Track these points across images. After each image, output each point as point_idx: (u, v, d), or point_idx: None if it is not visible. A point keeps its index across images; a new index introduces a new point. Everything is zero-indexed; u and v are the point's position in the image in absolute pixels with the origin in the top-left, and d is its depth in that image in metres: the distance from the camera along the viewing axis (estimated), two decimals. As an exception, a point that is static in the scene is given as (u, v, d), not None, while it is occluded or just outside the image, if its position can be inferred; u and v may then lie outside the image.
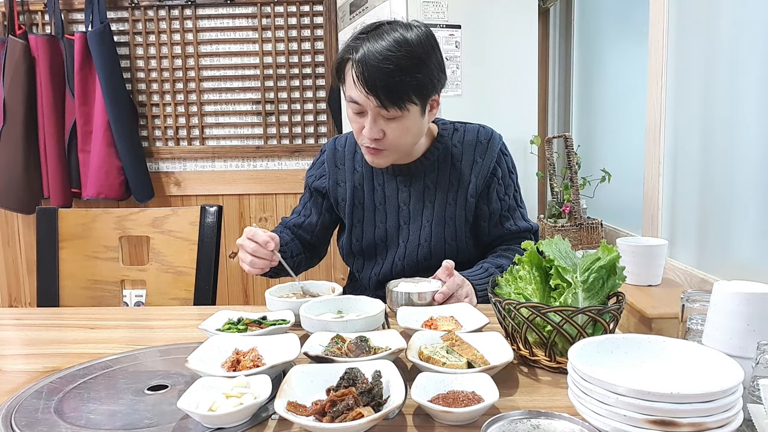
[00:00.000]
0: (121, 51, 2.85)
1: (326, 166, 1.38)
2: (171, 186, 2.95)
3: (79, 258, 1.54)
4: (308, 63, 2.87)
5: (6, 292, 3.01)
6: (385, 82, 1.10)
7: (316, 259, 1.46)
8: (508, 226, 1.34)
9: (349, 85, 1.15)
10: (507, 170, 1.34)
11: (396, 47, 1.11)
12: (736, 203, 1.35)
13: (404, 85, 1.12)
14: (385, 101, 1.12)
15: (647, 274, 1.49)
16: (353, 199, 1.35)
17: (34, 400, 0.80)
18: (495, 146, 1.32)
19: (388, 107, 1.12)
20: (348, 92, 1.17)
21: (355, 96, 1.14)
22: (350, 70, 1.14)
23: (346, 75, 1.17)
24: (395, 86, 1.11)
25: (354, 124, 1.21)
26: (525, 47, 2.17)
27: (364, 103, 1.14)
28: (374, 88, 1.11)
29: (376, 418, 0.65)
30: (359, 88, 1.12)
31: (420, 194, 1.31)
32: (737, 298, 0.70)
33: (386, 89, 1.11)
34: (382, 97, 1.11)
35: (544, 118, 2.71)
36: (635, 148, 1.88)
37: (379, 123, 1.16)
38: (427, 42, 1.16)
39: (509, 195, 1.34)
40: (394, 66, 1.10)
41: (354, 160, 1.36)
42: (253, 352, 0.87)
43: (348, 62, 1.15)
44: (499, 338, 0.89)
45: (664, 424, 0.59)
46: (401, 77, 1.11)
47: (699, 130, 1.49)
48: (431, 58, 1.16)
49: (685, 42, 1.56)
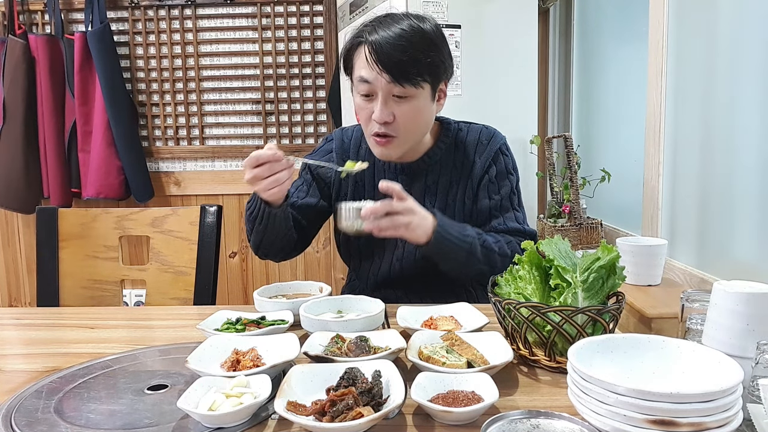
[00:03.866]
0: (121, 51, 2.85)
1: (334, 155, 1.36)
2: (171, 186, 2.95)
3: (79, 258, 1.54)
4: (308, 63, 2.87)
5: (6, 291, 3.01)
6: (398, 58, 1.12)
7: (302, 245, 1.37)
8: (495, 224, 1.28)
9: (360, 65, 1.16)
10: (503, 170, 1.30)
11: (410, 30, 1.14)
12: (736, 203, 1.35)
13: (417, 62, 1.13)
14: (398, 76, 1.12)
15: (647, 274, 1.49)
16: (354, 195, 1.34)
17: (34, 400, 0.80)
18: (494, 145, 1.31)
19: (402, 82, 1.13)
20: (358, 72, 1.17)
21: (366, 74, 1.14)
22: (361, 52, 1.16)
23: (356, 58, 1.18)
24: (408, 61, 1.13)
25: (362, 112, 1.20)
26: (525, 47, 2.17)
27: (375, 82, 1.14)
28: (388, 63, 1.12)
29: (375, 417, 0.65)
30: (372, 65, 1.13)
31: (421, 194, 1.30)
32: (737, 298, 0.70)
33: (400, 64, 1.12)
34: (396, 71, 1.12)
35: (544, 118, 2.71)
36: (635, 148, 1.88)
37: (390, 105, 1.16)
38: (439, 32, 1.19)
39: (501, 195, 1.29)
40: (407, 43, 1.12)
41: (358, 155, 1.35)
42: (252, 352, 0.87)
43: (359, 46, 1.17)
44: (499, 338, 0.89)
45: (664, 424, 0.59)
46: (415, 53, 1.13)
47: (699, 130, 1.49)
48: (444, 43, 1.19)
49: (685, 42, 1.56)
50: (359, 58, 1.17)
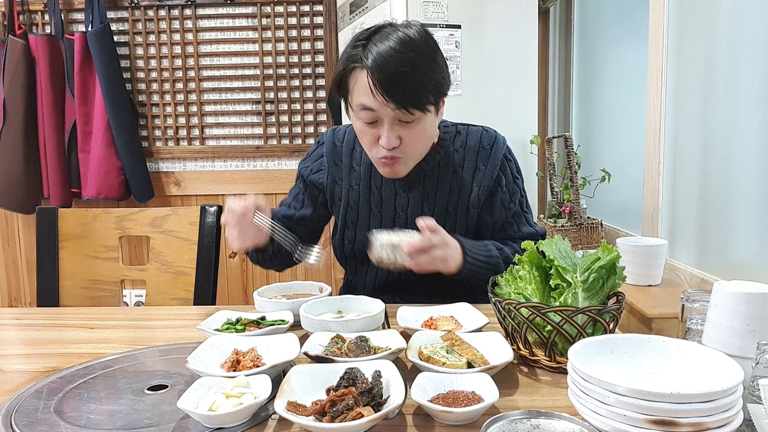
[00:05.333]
0: (121, 51, 2.85)
1: (325, 160, 1.31)
2: (171, 186, 2.95)
3: (79, 258, 1.54)
4: (308, 63, 2.87)
5: (6, 292, 3.01)
6: (403, 85, 1.07)
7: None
8: (511, 232, 1.29)
9: (361, 92, 1.11)
10: (511, 176, 1.29)
11: (405, 48, 1.08)
12: (736, 203, 1.35)
13: (422, 86, 1.09)
14: (406, 104, 1.08)
15: (647, 274, 1.49)
16: (348, 200, 1.30)
17: (34, 400, 0.80)
18: (498, 152, 1.26)
19: (410, 109, 1.09)
20: (358, 100, 1.12)
21: (369, 103, 1.09)
22: (359, 77, 1.10)
23: (353, 84, 1.12)
24: (414, 88, 1.08)
25: (365, 137, 1.16)
26: (525, 47, 2.17)
27: (380, 110, 1.10)
28: (393, 92, 1.07)
29: (376, 418, 0.65)
30: (377, 95, 1.07)
31: (419, 201, 1.26)
32: (737, 298, 0.70)
33: (406, 92, 1.07)
34: (403, 100, 1.07)
35: (544, 118, 2.71)
36: (635, 148, 1.88)
37: (396, 129, 1.12)
38: (430, 39, 1.14)
39: (515, 202, 1.29)
40: (409, 68, 1.07)
41: (352, 157, 1.31)
42: (252, 352, 0.87)
43: (354, 71, 1.11)
44: (499, 338, 0.89)
45: (664, 424, 0.59)
46: (418, 78, 1.08)
47: (699, 130, 1.49)
48: (438, 55, 1.14)
49: (685, 42, 1.56)
50: (358, 84, 1.11)
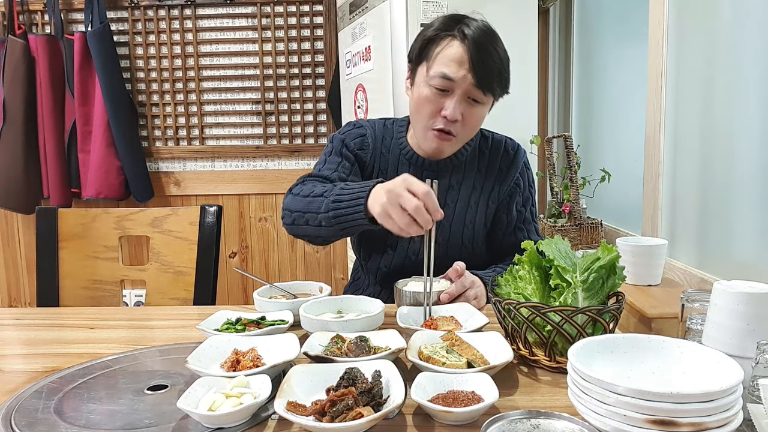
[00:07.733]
0: (120, 51, 2.85)
1: (369, 140, 1.35)
2: (171, 186, 2.95)
3: (78, 258, 1.54)
4: (308, 63, 2.87)
5: (6, 292, 3.01)
6: (491, 66, 1.16)
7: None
8: (521, 237, 1.34)
9: (444, 61, 1.16)
10: (528, 184, 1.38)
11: (497, 39, 1.19)
12: (736, 203, 1.35)
13: (500, 75, 1.19)
14: (485, 83, 1.16)
15: (647, 274, 1.49)
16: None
17: (34, 400, 0.80)
18: (520, 159, 1.36)
19: (485, 89, 1.17)
20: (439, 68, 1.17)
21: (451, 73, 1.15)
22: (447, 47, 1.17)
23: (438, 51, 1.18)
24: (496, 72, 1.17)
25: (429, 105, 1.20)
26: (525, 47, 2.16)
27: (459, 81, 1.16)
28: (482, 69, 1.15)
29: (375, 418, 0.65)
30: (468, 66, 1.15)
31: (443, 193, 1.31)
32: (737, 298, 0.70)
33: (491, 73, 1.16)
34: (486, 79, 1.16)
35: (544, 118, 2.71)
36: (635, 148, 1.88)
37: (462, 105, 1.19)
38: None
39: (526, 208, 1.37)
40: (498, 54, 1.18)
41: (383, 144, 1.35)
42: (252, 352, 0.86)
43: (444, 39, 1.18)
44: (499, 338, 0.89)
45: (664, 424, 0.59)
46: (501, 66, 1.19)
47: (699, 130, 1.49)
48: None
49: (685, 42, 1.56)
50: (444, 52, 1.17)
